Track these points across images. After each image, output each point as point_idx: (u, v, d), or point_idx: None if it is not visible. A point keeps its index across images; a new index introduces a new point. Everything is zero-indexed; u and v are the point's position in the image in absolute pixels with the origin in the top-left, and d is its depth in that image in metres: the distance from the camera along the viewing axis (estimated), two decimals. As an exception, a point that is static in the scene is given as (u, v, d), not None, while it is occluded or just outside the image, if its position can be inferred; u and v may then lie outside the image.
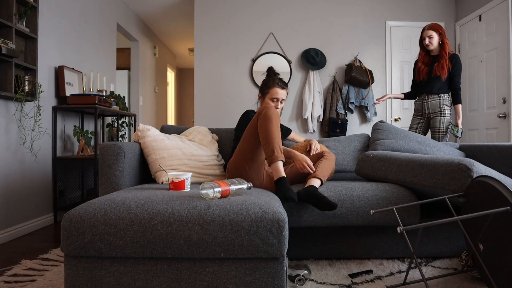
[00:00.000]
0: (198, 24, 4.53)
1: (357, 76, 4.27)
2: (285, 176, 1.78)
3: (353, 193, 1.85)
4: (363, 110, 4.52)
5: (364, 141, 2.62)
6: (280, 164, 1.81)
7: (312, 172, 1.96)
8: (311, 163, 1.99)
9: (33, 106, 2.79)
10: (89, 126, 3.70)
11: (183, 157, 2.12)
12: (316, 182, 1.87)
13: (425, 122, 3.08)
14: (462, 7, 4.42)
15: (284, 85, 2.23)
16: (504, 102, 3.63)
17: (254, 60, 4.49)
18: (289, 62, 4.48)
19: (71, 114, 3.37)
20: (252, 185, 1.64)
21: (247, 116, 2.29)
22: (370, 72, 4.39)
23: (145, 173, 2.21)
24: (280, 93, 2.20)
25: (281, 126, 2.42)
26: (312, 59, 4.41)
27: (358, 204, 1.83)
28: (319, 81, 4.45)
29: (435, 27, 2.90)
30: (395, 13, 4.56)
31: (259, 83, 4.46)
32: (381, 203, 1.84)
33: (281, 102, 2.24)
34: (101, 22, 4.05)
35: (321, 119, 4.46)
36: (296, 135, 2.58)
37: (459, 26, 4.47)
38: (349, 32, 4.54)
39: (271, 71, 2.31)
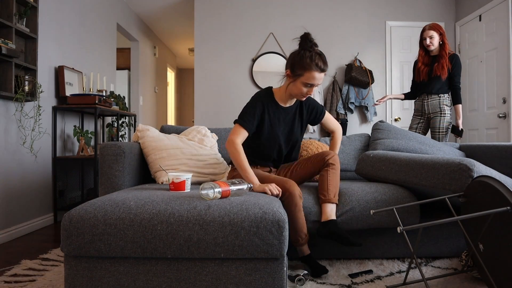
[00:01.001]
0: (198, 24, 4.53)
1: (357, 76, 4.27)
2: (310, 253, 1.77)
3: (352, 198, 1.84)
4: (363, 110, 4.52)
5: (364, 141, 2.62)
6: (305, 247, 1.74)
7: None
8: (272, 189, 1.65)
9: (33, 106, 2.79)
10: (89, 126, 3.70)
11: (183, 157, 2.13)
12: (332, 210, 1.75)
13: (425, 122, 3.08)
14: (462, 7, 4.42)
15: (325, 66, 1.71)
16: (504, 102, 3.63)
17: (254, 60, 4.49)
18: (289, 62, 4.47)
19: (71, 114, 3.37)
20: (252, 185, 1.64)
21: (255, 101, 1.87)
22: (370, 72, 4.39)
23: (145, 173, 2.21)
24: (318, 78, 1.71)
25: (315, 108, 2.02)
26: (312, 59, 4.40)
27: (358, 209, 1.81)
28: (319, 81, 4.45)
29: (435, 27, 2.90)
30: (395, 13, 4.56)
31: (259, 83, 4.46)
32: (381, 206, 1.83)
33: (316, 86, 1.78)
34: (101, 22, 4.05)
35: (321, 119, 4.46)
36: (330, 120, 2.09)
37: (459, 26, 4.47)
38: (349, 32, 4.54)
39: (307, 40, 1.73)
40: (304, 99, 1.87)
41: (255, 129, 1.89)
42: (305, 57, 1.70)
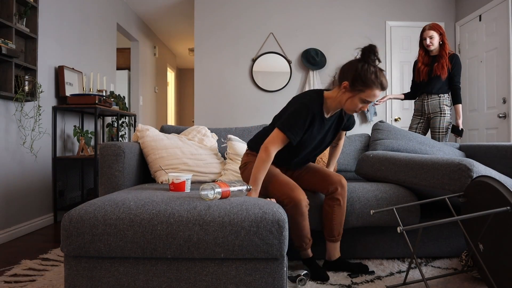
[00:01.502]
0: (198, 24, 4.53)
1: (357, 76, 4.27)
2: (313, 255, 1.80)
3: (353, 195, 1.85)
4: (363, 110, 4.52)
5: (364, 141, 2.62)
6: (308, 250, 1.77)
7: None
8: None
9: (33, 106, 2.79)
10: (89, 126, 3.70)
11: (183, 156, 2.13)
12: (336, 248, 1.81)
13: (425, 122, 3.08)
14: (462, 7, 4.42)
15: (386, 83, 1.59)
16: (504, 102, 3.63)
17: (254, 60, 4.49)
18: (289, 62, 4.48)
19: (71, 114, 3.37)
20: (252, 186, 1.64)
21: (307, 111, 1.63)
22: (370, 72, 4.38)
23: (145, 173, 2.21)
24: (378, 95, 1.61)
25: (350, 119, 1.89)
26: (312, 59, 4.41)
27: (358, 205, 1.83)
28: (319, 81, 4.45)
29: (435, 27, 2.90)
30: (395, 13, 4.56)
31: (259, 83, 4.46)
32: (381, 203, 1.84)
33: None
34: (101, 22, 4.05)
35: (321, 119, 4.46)
36: (342, 141, 2.01)
37: (459, 26, 4.47)
38: (349, 32, 4.54)
39: (372, 54, 1.57)
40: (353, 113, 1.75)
41: None
42: (369, 72, 1.55)
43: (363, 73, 1.56)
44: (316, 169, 1.87)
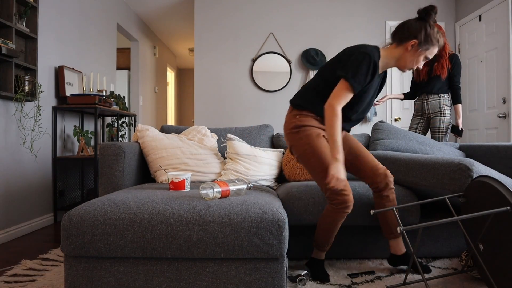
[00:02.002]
0: (198, 24, 4.53)
1: (357, 76, 4.26)
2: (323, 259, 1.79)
3: (354, 193, 1.85)
4: (363, 110, 4.52)
5: (364, 141, 2.62)
6: (324, 254, 1.78)
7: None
8: (341, 183, 1.52)
9: (33, 106, 2.79)
10: (89, 126, 3.70)
11: (183, 156, 2.13)
12: (400, 243, 1.80)
13: (425, 122, 3.08)
14: (462, 7, 4.42)
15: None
16: (504, 102, 3.63)
17: (254, 60, 4.49)
18: (289, 62, 4.48)
19: (71, 114, 3.37)
20: (252, 185, 1.64)
21: (370, 60, 1.57)
22: (370, 72, 4.38)
23: (145, 172, 2.21)
24: (435, 53, 1.70)
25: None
26: (312, 59, 4.41)
27: (358, 204, 1.83)
28: (319, 81, 4.45)
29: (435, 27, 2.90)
30: (395, 13, 4.56)
31: (259, 83, 4.46)
32: (381, 203, 1.83)
33: None
34: (101, 22, 4.05)
35: (321, 119, 4.45)
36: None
37: (459, 26, 4.47)
38: (349, 32, 4.54)
39: (433, 13, 1.64)
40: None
41: None
42: (434, 30, 1.64)
43: (431, 31, 1.63)
44: (362, 154, 1.77)
